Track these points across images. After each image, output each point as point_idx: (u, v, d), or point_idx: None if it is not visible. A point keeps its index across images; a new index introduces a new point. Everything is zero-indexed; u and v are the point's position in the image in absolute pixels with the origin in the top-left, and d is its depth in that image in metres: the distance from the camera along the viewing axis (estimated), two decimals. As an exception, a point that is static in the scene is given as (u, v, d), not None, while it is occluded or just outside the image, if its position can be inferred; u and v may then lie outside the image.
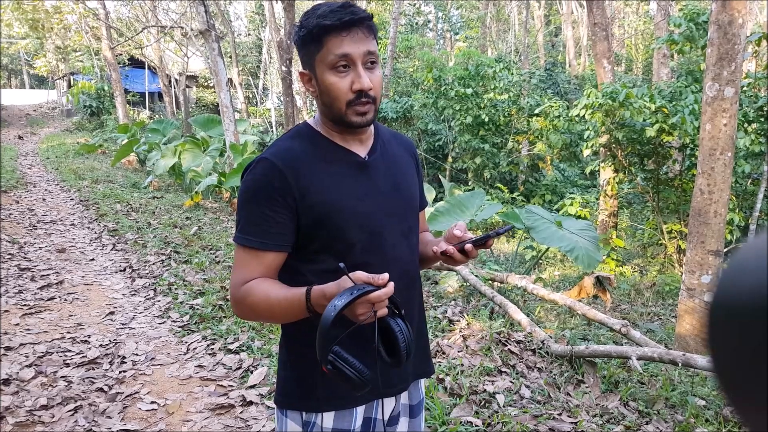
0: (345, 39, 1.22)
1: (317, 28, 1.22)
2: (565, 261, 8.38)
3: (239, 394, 3.36)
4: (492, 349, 3.78)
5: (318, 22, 1.22)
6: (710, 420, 3.06)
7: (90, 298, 5.23)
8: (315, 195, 1.28)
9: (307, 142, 1.34)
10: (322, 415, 1.33)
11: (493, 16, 27.00)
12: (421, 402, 1.53)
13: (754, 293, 0.33)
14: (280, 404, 1.38)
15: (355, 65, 1.24)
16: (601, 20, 9.32)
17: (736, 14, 4.27)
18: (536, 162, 13.85)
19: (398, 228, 1.39)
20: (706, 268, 4.50)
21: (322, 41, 1.23)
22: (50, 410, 3.16)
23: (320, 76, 1.26)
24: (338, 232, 1.30)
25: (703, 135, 4.47)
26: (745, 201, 7.56)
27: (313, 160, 1.31)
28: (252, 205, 1.28)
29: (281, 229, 1.27)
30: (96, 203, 9.86)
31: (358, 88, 1.24)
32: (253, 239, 1.27)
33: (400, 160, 1.47)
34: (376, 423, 1.41)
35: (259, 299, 1.26)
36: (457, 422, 2.90)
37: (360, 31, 1.23)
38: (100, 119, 25.46)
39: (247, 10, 32.66)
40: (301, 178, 1.27)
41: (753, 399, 0.34)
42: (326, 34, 1.22)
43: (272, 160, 1.28)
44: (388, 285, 1.13)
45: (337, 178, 1.31)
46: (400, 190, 1.41)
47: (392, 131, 1.53)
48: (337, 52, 1.22)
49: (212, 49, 9.90)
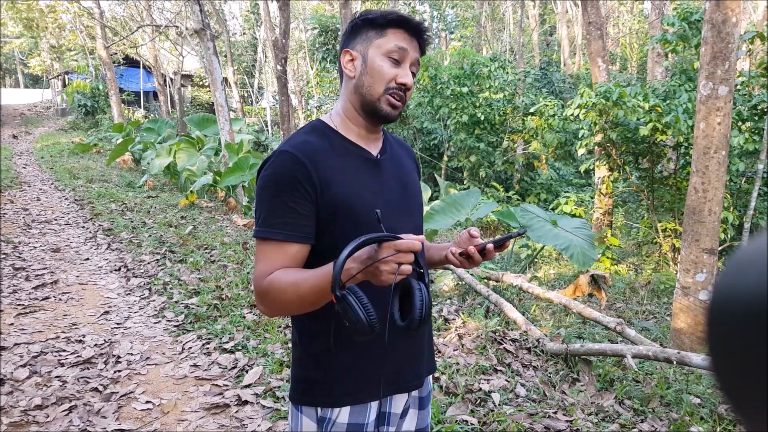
0: (406, 39, 1.34)
1: (390, 17, 1.33)
2: (561, 259, 8.40)
3: (234, 393, 3.35)
4: (487, 348, 3.78)
5: (391, 13, 1.33)
6: (705, 418, 3.07)
7: (85, 297, 5.21)
8: (335, 188, 1.28)
9: (322, 137, 1.35)
10: (338, 411, 1.34)
11: (488, 15, 27.03)
12: (429, 394, 1.56)
13: (754, 293, 0.33)
14: (295, 400, 1.38)
15: (404, 63, 1.34)
16: (596, 19, 9.34)
17: (730, 13, 4.28)
18: (531, 161, 13.87)
19: (408, 226, 1.39)
20: (700, 266, 4.51)
21: (386, 31, 1.33)
22: (45, 410, 3.15)
23: (371, 58, 1.33)
24: (355, 227, 1.28)
25: (698, 133, 4.48)
26: (739, 199, 7.58)
27: (331, 155, 1.32)
28: (275, 197, 1.27)
29: (305, 220, 1.27)
30: (91, 202, 9.83)
31: (402, 81, 1.32)
32: (278, 231, 1.26)
33: (405, 163, 1.51)
34: (390, 417, 1.42)
35: (287, 284, 1.23)
36: (453, 421, 2.90)
37: (418, 41, 1.36)
38: (94, 118, 25.39)
39: (242, 9, 32.58)
40: (321, 171, 1.27)
41: (752, 399, 0.33)
42: (394, 27, 1.33)
43: (293, 152, 1.28)
44: (418, 237, 1.13)
45: (354, 173, 1.33)
46: (407, 189, 1.45)
47: (395, 137, 1.58)
48: (398, 44, 1.32)
49: (207, 48, 9.87)
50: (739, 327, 0.34)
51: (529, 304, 5.07)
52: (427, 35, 1.37)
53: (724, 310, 0.36)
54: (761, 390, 0.32)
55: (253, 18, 29.27)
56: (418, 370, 1.45)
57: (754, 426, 0.34)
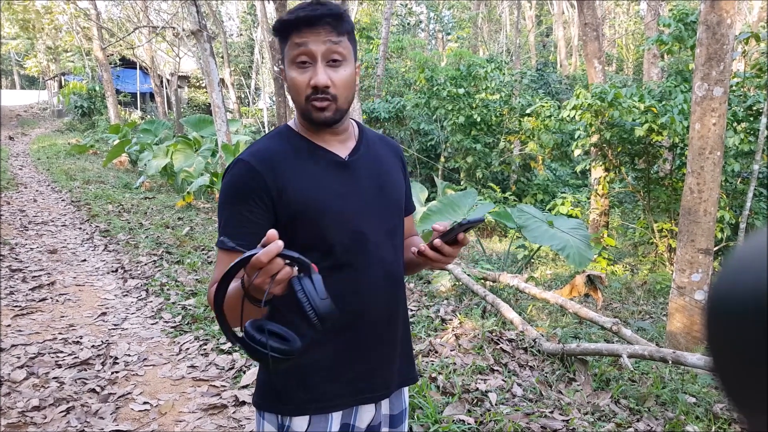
0: (306, 35, 1.22)
1: (281, 24, 1.24)
2: (557, 260, 8.42)
3: (232, 394, 3.36)
4: (484, 348, 3.80)
5: (284, 19, 1.24)
6: (700, 417, 3.09)
7: (82, 298, 5.21)
8: (293, 193, 1.26)
9: (286, 142, 1.33)
10: (296, 420, 1.31)
11: (485, 16, 27.06)
12: (403, 412, 1.49)
13: (753, 292, 0.33)
14: (258, 406, 1.37)
15: (314, 61, 1.23)
16: (592, 20, 9.37)
17: (725, 14, 4.31)
18: (528, 161, 13.88)
19: (382, 228, 1.37)
20: (696, 266, 4.54)
21: (287, 37, 1.25)
22: (42, 411, 3.15)
23: (287, 72, 1.27)
24: (318, 231, 1.28)
25: (693, 134, 4.50)
26: (735, 200, 7.60)
27: (291, 160, 1.30)
28: (230, 207, 1.27)
29: (258, 230, 1.22)
30: (87, 204, 9.83)
31: (314, 84, 1.23)
32: (231, 241, 1.25)
33: (386, 162, 1.45)
34: (354, 429, 1.38)
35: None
36: (450, 421, 2.91)
37: (323, 28, 1.23)
38: (91, 120, 25.34)
39: (239, 11, 32.60)
40: (278, 177, 1.26)
41: (753, 398, 0.34)
42: (290, 30, 1.24)
43: (248, 160, 1.27)
44: (273, 243, 0.98)
45: (316, 177, 1.30)
46: (384, 190, 1.39)
47: (379, 134, 1.52)
48: (297, 48, 1.23)
49: (204, 49, 9.88)
50: (739, 326, 0.34)
51: (526, 304, 5.08)
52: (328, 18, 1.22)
53: (724, 309, 0.36)
54: (762, 389, 0.32)
55: (250, 19, 29.28)
56: (387, 378, 1.40)
57: (756, 426, 0.34)
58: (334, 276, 1.18)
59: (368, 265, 1.33)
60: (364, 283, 1.20)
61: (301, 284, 1.00)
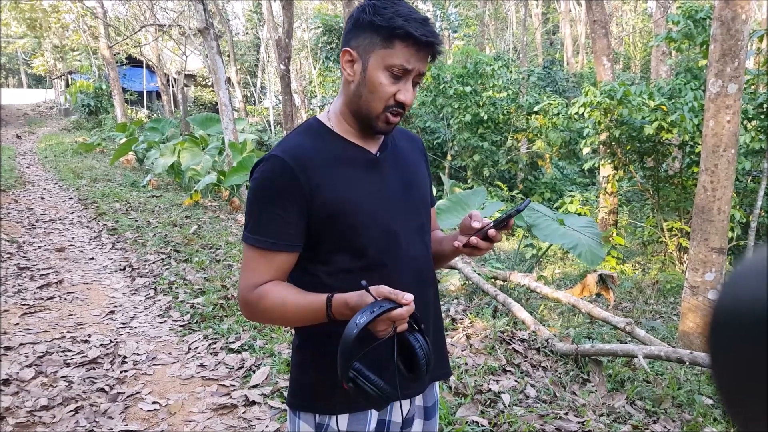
0: (414, 53, 1.20)
1: (399, 29, 1.18)
2: (566, 259, 8.37)
3: (242, 393, 3.33)
4: (496, 348, 3.76)
5: (402, 25, 1.17)
6: (718, 419, 3.04)
7: (90, 297, 5.19)
8: (327, 192, 1.24)
9: (317, 138, 1.30)
10: (337, 418, 1.30)
11: (491, 14, 26.97)
12: (436, 404, 1.50)
13: (754, 308, 0.34)
14: (293, 406, 1.35)
15: (407, 78, 1.23)
16: (601, 17, 9.30)
17: (740, 10, 4.25)
18: (535, 160, 13.83)
19: (412, 225, 1.36)
20: (709, 265, 4.48)
21: (393, 41, 1.19)
22: (51, 411, 3.13)
23: (371, 69, 1.22)
24: (352, 230, 1.26)
25: (707, 132, 4.44)
26: (745, 198, 7.54)
27: (324, 157, 1.27)
28: (261, 204, 1.25)
29: (292, 228, 1.24)
30: (95, 202, 9.82)
31: (401, 100, 1.23)
32: (263, 239, 1.24)
33: (410, 157, 1.44)
34: (390, 425, 1.38)
35: (274, 304, 1.24)
36: (463, 422, 2.87)
37: (428, 52, 1.23)
38: (98, 118, 25.38)
39: (245, 9, 32.57)
40: (312, 175, 1.23)
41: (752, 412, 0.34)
42: (402, 39, 1.19)
43: (282, 156, 1.24)
44: (411, 303, 1.12)
45: (349, 175, 1.28)
46: (412, 186, 1.38)
47: (400, 128, 1.49)
48: (402, 62, 1.20)
49: (211, 47, 9.85)
50: (740, 340, 0.35)
51: (537, 303, 5.04)
52: (438, 45, 1.23)
53: (726, 323, 0.36)
54: (760, 403, 0.33)
55: (256, 18, 29.27)
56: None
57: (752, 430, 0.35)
58: (367, 277, 1.15)
59: (401, 264, 1.31)
60: (396, 283, 1.17)
61: (417, 339, 1.18)
